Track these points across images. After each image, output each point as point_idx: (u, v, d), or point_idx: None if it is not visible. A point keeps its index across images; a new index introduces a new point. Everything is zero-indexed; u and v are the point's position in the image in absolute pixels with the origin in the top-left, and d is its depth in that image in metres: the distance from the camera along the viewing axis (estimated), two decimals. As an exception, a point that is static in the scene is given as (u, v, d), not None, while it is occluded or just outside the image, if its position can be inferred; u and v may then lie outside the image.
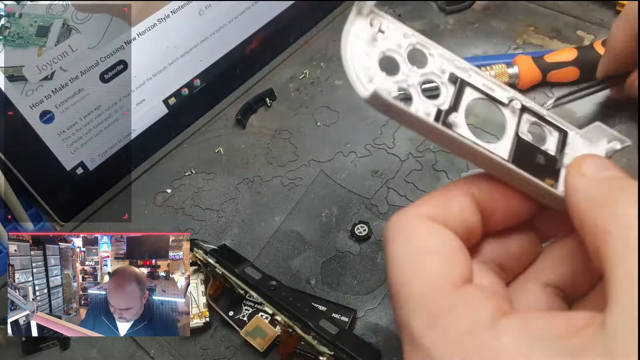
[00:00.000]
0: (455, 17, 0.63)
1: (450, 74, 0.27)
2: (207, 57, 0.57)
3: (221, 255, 0.42)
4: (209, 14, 0.56)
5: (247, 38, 0.59)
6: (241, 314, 0.42)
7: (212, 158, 0.54)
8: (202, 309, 0.42)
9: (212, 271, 0.42)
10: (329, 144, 0.53)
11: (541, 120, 0.29)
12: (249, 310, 0.42)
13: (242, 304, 0.42)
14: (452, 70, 0.27)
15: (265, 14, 0.60)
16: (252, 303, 0.42)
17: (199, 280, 0.43)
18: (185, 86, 0.56)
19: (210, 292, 0.42)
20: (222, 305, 0.42)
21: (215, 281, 0.42)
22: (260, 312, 0.41)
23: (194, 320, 0.41)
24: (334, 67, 0.60)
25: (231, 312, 0.42)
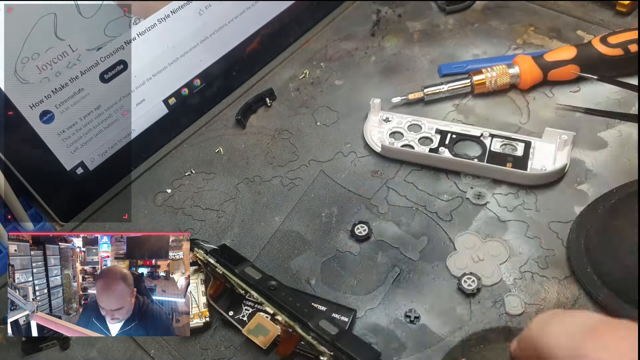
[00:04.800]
0: (455, 17, 0.63)
1: (436, 129, 0.51)
2: (207, 57, 0.57)
3: (221, 255, 0.42)
4: (209, 14, 0.55)
5: (247, 38, 0.59)
6: (241, 313, 0.42)
7: (212, 158, 0.54)
8: (202, 308, 0.42)
9: (213, 271, 0.42)
10: (329, 144, 0.53)
11: (509, 139, 0.49)
12: (249, 310, 0.42)
13: (242, 304, 0.42)
14: (436, 127, 0.51)
15: (265, 14, 0.60)
16: (252, 303, 0.42)
17: (199, 280, 0.43)
18: (185, 86, 0.56)
19: (211, 292, 0.42)
20: (222, 305, 0.42)
21: (216, 281, 0.42)
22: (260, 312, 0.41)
23: (194, 320, 0.41)
24: (334, 67, 0.60)
25: (231, 312, 0.42)
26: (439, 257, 0.44)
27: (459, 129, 0.50)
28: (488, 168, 0.47)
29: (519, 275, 0.42)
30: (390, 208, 0.47)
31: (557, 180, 0.47)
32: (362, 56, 0.61)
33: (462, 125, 0.51)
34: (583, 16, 0.60)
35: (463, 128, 0.50)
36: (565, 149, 0.47)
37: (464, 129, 0.50)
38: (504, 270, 0.42)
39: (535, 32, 0.59)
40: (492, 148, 0.49)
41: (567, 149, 0.47)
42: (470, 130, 0.50)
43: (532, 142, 0.48)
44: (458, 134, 0.50)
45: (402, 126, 0.52)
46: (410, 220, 0.46)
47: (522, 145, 0.48)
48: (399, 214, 0.47)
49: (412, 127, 0.52)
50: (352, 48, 0.62)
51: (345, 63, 0.60)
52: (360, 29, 0.64)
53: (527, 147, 0.48)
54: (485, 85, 0.53)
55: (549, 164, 0.47)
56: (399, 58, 0.60)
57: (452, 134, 0.50)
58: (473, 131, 0.50)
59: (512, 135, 0.49)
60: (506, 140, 0.49)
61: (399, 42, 0.61)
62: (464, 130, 0.50)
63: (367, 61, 0.60)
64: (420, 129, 0.51)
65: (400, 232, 0.46)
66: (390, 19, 0.64)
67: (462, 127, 0.50)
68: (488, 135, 0.49)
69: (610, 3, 0.59)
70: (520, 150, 0.48)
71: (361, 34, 0.63)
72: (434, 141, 0.50)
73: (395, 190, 0.48)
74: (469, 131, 0.50)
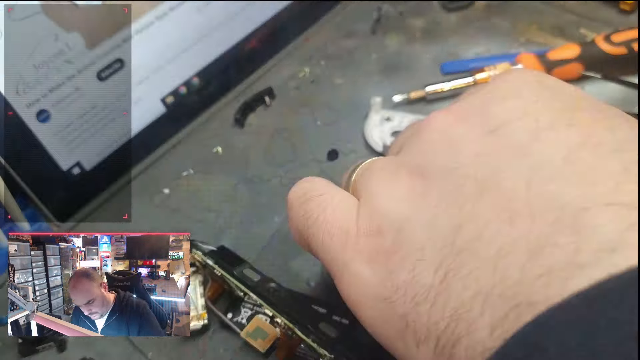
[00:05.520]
0: (457, 14, 0.62)
1: None
2: (206, 55, 0.56)
3: (220, 256, 0.42)
4: (208, 12, 0.55)
5: (246, 36, 0.59)
6: (240, 316, 0.41)
7: (211, 158, 0.53)
8: (201, 310, 0.41)
9: (211, 273, 0.41)
10: (329, 143, 0.53)
11: None
12: (247, 313, 0.41)
13: (241, 307, 0.42)
14: None
15: (265, 11, 0.59)
16: (251, 305, 0.42)
17: (197, 281, 0.42)
18: (183, 85, 0.56)
19: (209, 294, 0.42)
20: (221, 307, 0.42)
21: (214, 283, 0.42)
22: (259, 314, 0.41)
23: (192, 322, 0.41)
24: (335, 65, 0.59)
25: (230, 315, 0.41)
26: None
27: None
28: None
29: (522, 277, 0.41)
30: (391, 208, 0.47)
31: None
32: (362, 54, 0.60)
33: None
34: (586, 14, 0.59)
35: None
36: None
37: None
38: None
39: (539, 30, 0.59)
40: None
41: None
42: None
43: None
44: None
45: (403, 125, 0.51)
46: (412, 221, 0.46)
47: None
48: (400, 214, 0.46)
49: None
50: (353, 46, 0.61)
51: (346, 61, 0.60)
52: (361, 27, 0.63)
53: None
54: (487, 84, 0.53)
55: None
56: (401, 56, 0.59)
57: None
58: None
59: None
60: None
61: (401, 40, 0.61)
62: None
63: (368, 59, 0.59)
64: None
65: (402, 233, 0.45)
66: (392, 17, 0.63)
67: None
68: None
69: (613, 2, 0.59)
70: None
71: (362, 32, 0.62)
72: None
73: (396, 191, 0.48)
74: None
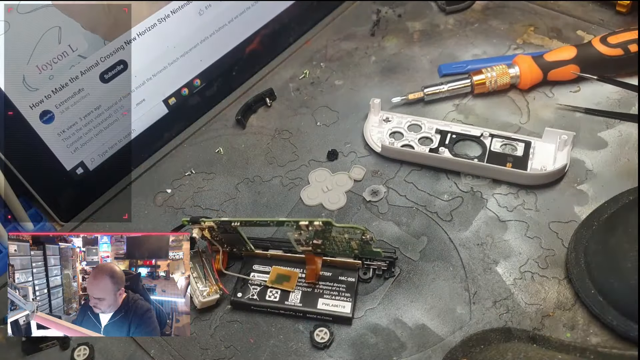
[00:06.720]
0: (455, 17, 0.63)
1: (436, 129, 0.51)
2: (207, 57, 0.57)
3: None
4: (209, 14, 0.56)
5: (247, 38, 0.59)
6: (250, 293, 0.43)
7: (212, 158, 0.54)
8: (214, 283, 0.43)
9: (219, 241, 0.43)
10: (329, 144, 0.53)
11: (509, 139, 0.49)
12: (257, 289, 0.43)
13: (249, 285, 0.43)
14: (436, 127, 0.51)
15: (266, 14, 0.60)
16: (259, 282, 0.43)
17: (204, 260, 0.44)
18: (185, 86, 0.56)
19: (217, 266, 0.43)
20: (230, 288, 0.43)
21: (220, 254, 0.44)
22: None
23: (210, 294, 0.42)
24: (334, 67, 0.60)
25: (239, 294, 0.43)
26: (439, 257, 0.44)
27: (459, 129, 0.50)
28: (488, 168, 0.47)
29: (519, 275, 0.42)
30: (390, 208, 0.47)
31: (557, 180, 0.47)
32: (362, 56, 0.61)
33: (462, 125, 0.51)
34: (583, 16, 0.60)
35: (463, 128, 0.50)
36: (565, 149, 0.47)
37: (464, 129, 0.50)
38: (503, 270, 0.42)
39: (535, 32, 0.59)
40: (492, 148, 0.49)
41: (567, 149, 0.47)
42: (470, 130, 0.50)
43: (532, 142, 0.49)
44: (458, 134, 0.50)
45: (402, 126, 0.52)
46: (410, 220, 0.46)
47: (522, 145, 0.49)
48: (399, 214, 0.47)
49: (412, 127, 0.52)
50: (352, 48, 0.62)
51: (345, 63, 0.60)
52: (360, 29, 0.64)
53: (527, 147, 0.48)
54: (485, 85, 0.53)
55: (549, 164, 0.47)
56: (399, 58, 0.60)
57: (452, 134, 0.50)
58: (473, 131, 0.50)
59: (512, 135, 0.49)
60: (506, 140, 0.49)
61: (399, 42, 0.61)
62: (464, 130, 0.50)
63: (367, 61, 0.60)
64: (420, 129, 0.51)
65: (400, 232, 0.46)
66: (390, 19, 0.64)
67: (462, 127, 0.51)
68: (488, 135, 0.49)
69: (610, 3, 0.59)
70: (520, 150, 0.48)
71: (361, 34, 0.63)
72: (434, 141, 0.50)
73: (395, 190, 0.48)
74: (469, 131, 0.50)
